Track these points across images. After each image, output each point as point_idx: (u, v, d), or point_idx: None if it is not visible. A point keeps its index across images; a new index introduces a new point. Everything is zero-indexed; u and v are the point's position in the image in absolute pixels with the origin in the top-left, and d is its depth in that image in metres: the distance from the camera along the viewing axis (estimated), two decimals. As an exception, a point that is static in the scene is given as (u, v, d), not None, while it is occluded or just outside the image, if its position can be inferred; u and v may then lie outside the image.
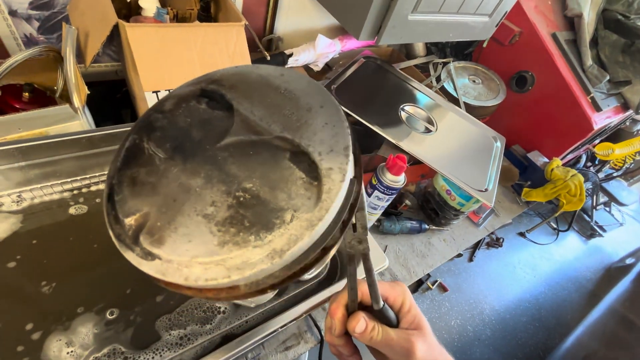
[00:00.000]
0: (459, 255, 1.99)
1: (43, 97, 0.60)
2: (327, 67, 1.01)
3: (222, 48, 0.64)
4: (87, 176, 0.52)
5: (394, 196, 0.74)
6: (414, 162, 0.89)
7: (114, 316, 0.42)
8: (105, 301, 0.43)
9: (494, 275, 2.08)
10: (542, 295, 2.07)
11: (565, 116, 1.03)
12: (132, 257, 0.23)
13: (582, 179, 0.97)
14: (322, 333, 0.60)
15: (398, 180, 0.71)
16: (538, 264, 2.24)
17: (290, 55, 0.89)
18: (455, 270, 2.02)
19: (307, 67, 0.96)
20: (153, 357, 0.39)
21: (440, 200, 0.87)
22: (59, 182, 0.49)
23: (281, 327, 0.37)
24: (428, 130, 0.90)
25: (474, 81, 1.13)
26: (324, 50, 0.92)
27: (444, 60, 1.12)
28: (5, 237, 0.46)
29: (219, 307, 0.45)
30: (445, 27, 0.80)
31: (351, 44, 0.98)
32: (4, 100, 0.56)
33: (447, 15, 0.77)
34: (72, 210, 0.49)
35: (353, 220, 0.26)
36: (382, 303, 0.29)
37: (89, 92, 0.53)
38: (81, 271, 0.45)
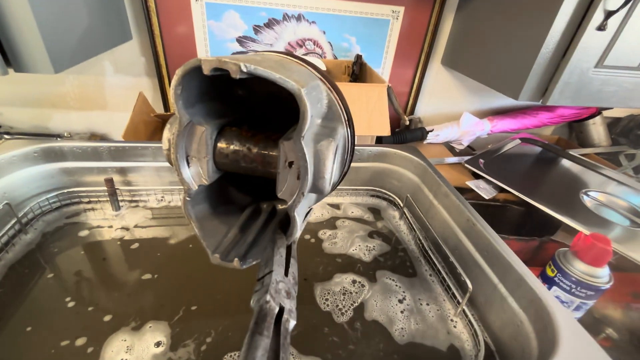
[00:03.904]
0: None
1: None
2: (470, 148, 0.91)
3: (361, 104, 0.64)
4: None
5: (592, 302, 0.47)
6: (614, 269, 0.58)
7: (184, 337, 0.34)
8: (183, 317, 0.36)
9: None
10: None
11: None
12: None
13: None
14: None
15: (598, 274, 0.45)
16: None
17: (431, 131, 0.84)
18: None
19: (448, 146, 0.88)
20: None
21: (685, 341, 0.51)
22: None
23: None
24: (637, 225, 0.61)
25: None
26: (469, 128, 0.84)
27: (645, 151, 0.84)
28: (132, 224, 0.50)
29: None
30: (651, 89, 0.61)
31: (503, 124, 0.87)
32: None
33: (654, 72, 0.59)
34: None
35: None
36: None
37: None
38: (173, 282, 0.42)
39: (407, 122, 0.76)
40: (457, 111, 0.92)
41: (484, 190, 0.64)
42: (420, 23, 0.77)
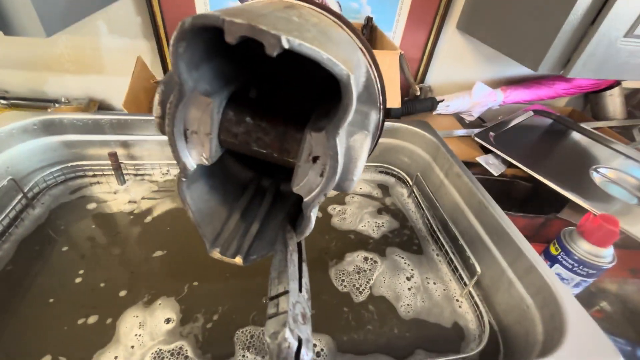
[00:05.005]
0: None
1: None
2: (481, 120, 0.88)
3: (372, 73, 0.61)
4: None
5: (592, 280, 0.48)
6: (615, 246, 0.59)
7: (194, 313, 0.35)
8: (192, 293, 0.37)
9: None
10: None
11: None
12: None
13: None
14: None
15: (602, 254, 0.46)
16: None
17: (441, 101, 0.81)
18: None
19: (458, 117, 0.85)
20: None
21: (677, 316, 0.52)
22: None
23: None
24: (645, 203, 0.60)
25: None
26: (481, 98, 0.80)
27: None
28: (139, 198, 0.49)
29: (315, 346, 0.31)
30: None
31: (516, 95, 0.83)
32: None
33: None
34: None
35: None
36: None
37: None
38: (179, 252, 0.42)
39: (418, 92, 0.73)
40: (470, 79, 0.88)
41: (493, 166, 0.63)
42: (437, -18, 0.71)
